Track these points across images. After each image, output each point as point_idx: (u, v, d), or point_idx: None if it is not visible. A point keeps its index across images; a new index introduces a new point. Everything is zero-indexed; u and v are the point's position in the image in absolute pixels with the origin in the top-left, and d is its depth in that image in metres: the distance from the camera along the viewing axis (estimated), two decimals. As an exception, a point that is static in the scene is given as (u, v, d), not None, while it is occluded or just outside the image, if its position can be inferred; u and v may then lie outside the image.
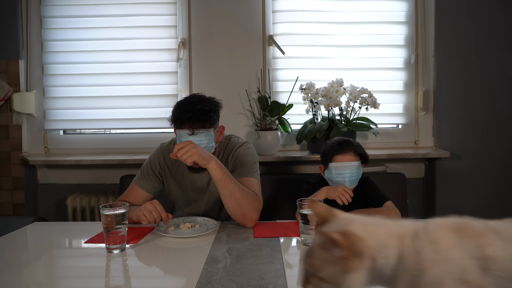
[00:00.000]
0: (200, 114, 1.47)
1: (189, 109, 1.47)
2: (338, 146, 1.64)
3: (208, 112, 1.49)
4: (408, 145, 2.55)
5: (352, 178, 1.59)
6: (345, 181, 1.59)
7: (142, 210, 1.40)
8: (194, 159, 1.40)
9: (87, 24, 2.51)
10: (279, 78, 2.51)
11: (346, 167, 1.59)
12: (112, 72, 2.52)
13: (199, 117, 1.47)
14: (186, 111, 1.47)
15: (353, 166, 1.59)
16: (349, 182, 1.59)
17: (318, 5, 2.48)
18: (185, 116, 1.47)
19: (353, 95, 2.30)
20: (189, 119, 1.47)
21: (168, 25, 2.50)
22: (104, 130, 2.63)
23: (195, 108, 1.47)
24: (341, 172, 1.59)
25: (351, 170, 1.59)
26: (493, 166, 2.43)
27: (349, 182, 1.59)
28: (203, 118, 1.47)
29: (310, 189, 1.70)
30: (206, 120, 1.48)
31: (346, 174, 1.58)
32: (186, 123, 1.47)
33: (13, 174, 2.49)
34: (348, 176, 1.58)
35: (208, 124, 1.49)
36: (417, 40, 2.49)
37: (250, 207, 1.46)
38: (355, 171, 1.60)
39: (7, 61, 2.45)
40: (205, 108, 1.48)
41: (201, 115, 1.47)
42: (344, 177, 1.59)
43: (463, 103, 2.45)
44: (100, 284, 1.02)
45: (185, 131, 1.47)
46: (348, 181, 1.59)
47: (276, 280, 0.99)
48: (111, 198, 2.43)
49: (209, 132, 1.49)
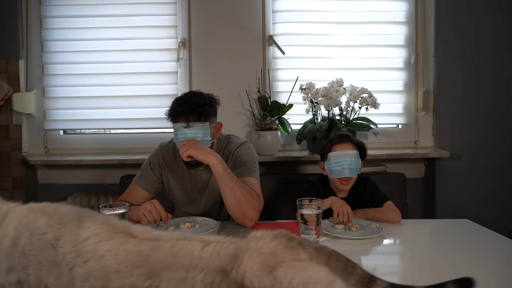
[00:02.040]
0: (195, 106, 1.49)
1: (185, 103, 1.50)
2: (336, 137, 1.68)
3: (203, 105, 1.50)
4: (408, 145, 2.55)
5: (352, 167, 1.59)
6: (344, 169, 1.58)
7: (142, 210, 1.40)
8: (189, 152, 1.43)
9: (87, 24, 2.50)
10: (279, 78, 2.51)
11: (345, 155, 1.59)
12: (112, 72, 2.52)
13: (194, 109, 1.49)
14: (182, 104, 1.50)
15: (351, 154, 1.60)
16: (348, 170, 1.58)
17: (318, 5, 2.47)
18: (180, 109, 1.49)
19: (353, 95, 2.30)
20: (184, 112, 1.49)
21: (168, 25, 2.50)
22: (104, 130, 2.62)
23: (191, 101, 1.50)
24: (340, 160, 1.59)
25: (350, 158, 1.59)
26: (493, 166, 2.43)
27: (349, 170, 1.58)
28: (197, 110, 1.49)
29: (311, 188, 1.70)
30: (201, 113, 1.50)
31: (345, 162, 1.58)
32: (181, 115, 1.50)
33: (13, 174, 2.49)
34: (347, 164, 1.58)
35: (203, 118, 1.50)
36: (417, 40, 2.49)
37: (250, 205, 1.46)
38: (354, 159, 1.59)
39: (7, 61, 2.45)
40: (200, 102, 1.51)
41: (196, 108, 1.49)
42: (343, 165, 1.59)
43: (463, 103, 2.45)
44: (100, 284, 1.01)
45: (181, 124, 1.49)
46: (348, 169, 1.58)
47: (276, 280, 0.99)
48: (111, 198, 2.43)
49: (204, 125, 1.50)
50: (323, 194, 1.68)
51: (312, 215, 1.23)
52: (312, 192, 1.67)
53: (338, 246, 1.27)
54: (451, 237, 1.39)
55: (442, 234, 1.44)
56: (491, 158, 2.43)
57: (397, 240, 1.38)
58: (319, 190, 1.70)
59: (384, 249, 1.28)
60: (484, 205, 2.43)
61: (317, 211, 1.24)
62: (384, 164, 2.43)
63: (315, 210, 1.24)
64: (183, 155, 1.44)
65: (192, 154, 1.43)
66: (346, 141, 1.65)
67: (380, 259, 1.20)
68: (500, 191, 2.43)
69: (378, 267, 1.13)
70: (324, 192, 1.69)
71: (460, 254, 1.19)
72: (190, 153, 1.43)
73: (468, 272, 1.06)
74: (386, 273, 1.08)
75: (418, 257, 1.23)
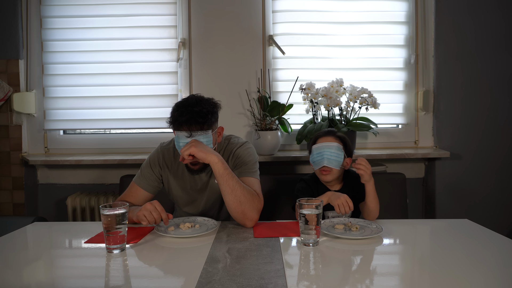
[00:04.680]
0: (198, 116, 1.47)
1: (187, 111, 1.47)
2: (322, 132, 1.74)
3: (206, 115, 1.49)
4: (408, 145, 2.55)
5: (331, 157, 1.61)
6: (323, 159, 1.61)
7: (142, 210, 1.40)
8: (190, 151, 1.43)
9: (87, 24, 2.51)
10: (279, 78, 2.51)
11: (325, 146, 1.63)
12: (112, 72, 2.52)
13: (196, 120, 1.47)
14: (184, 113, 1.47)
15: (332, 145, 1.62)
16: (327, 160, 1.61)
17: (318, 5, 2.48)
18: (182, 119, 1.47)
19: (353, 95, 2.30)
20: (186, 122, 1.47)
21: (168, 25, 2.50)
22: (104, 130, 2.63)
23: (193, 111, 1.47)
24: (320, 151, 1.63)
25: (330, 149, 1.62)
26: (493, 166, 2.43)
27: (327, 160, 1.61)
28: (200, 121, 1.47)
29: (304, 186, 1.71)
30: (203, 123, 1.48)
31: (325, 153, 1.61)
32: (184, 125, 1.48)
33: (13, 174, 2.49)
34: (327, 154, 1.61)
35: (206, 126, 1.49)
36: (417, 40, 2.49)
37: (250, 205, 1.46)
38: (334, 151, 1.61)
39: (7, 61, 2.45)
40: (202, 111, 1.48)
41: (199, 118, 1.47)
42: (323, 156, 1.62)
43: (463, 103, 2.45)
44: (100, 284, 1.02)
45: (183, 133, 1.48)
46: (326, 159, 1.61)
47: (276, 280, 0.99)
48: (111, 198, 2.43)
49: (207, 134, 1.49)
50: (316, 190, 1.69)
51: (312, 215, 1.23)
52: (305, 190, 1.69)
53: (338, 246, 1.27)
54: (451, 237, 1.39)
55: (442, 234, 1.44)
56: (491, 158, 2.43)
57: (397, 240, 1.38)
58: (312, 187, 1.72)
59: (384, 249, 1.28)
60: (484, 205, 2.43)
61: (317, 211, 1.24)
62: (384, 164, 2.43)
63: (315, 210, 1.24)
64: (185, 153, 1.43)
65: (194, 152, 1.43)
66: (330, 135, 1.70)
67: (380, 259, 1.20)
68: (500, 191, 2.43)
69: (378, 267, 1.13)
70: (317, 188, 1.70)
71: (460, 254, 1.19)
72: (192, 152, 1.43)
73: (468, 272, 1.06)
74: (386, 273, 1.08)
75: (418, 257, 1.23)
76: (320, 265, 1.13)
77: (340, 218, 1.55)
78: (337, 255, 1.21)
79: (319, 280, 1.02)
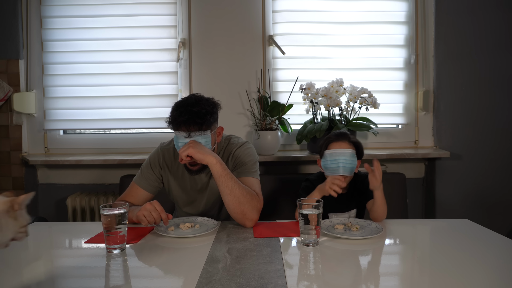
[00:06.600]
0: (196, 117, 1.47)
1: (186, 111, 1.47)
2: (334, 136, 1.70)
3: (204, 115, 1.48)
4: (408, 145, 2.55)
5: (346, 165, 1.59)
6: (339, 167, 1.59)
7: (142, 211, 1.40)
8: (188, 152, 1.42)
9: (87, 24, 2.51)
10: (279, 78, 2.51)
11: (340, 153, 1.60)
12: (112, 72, 2.52)
13: (195, 120, 1.47)
14: (182, 113, 1.47)
15: (347, 153, 1.60)
16: (342, 169, 1.59)
17: (318, 5, 2.48)
18: (181, 119, 1.47)
19: (353, 95, 2.30)
20: (185, 122, 1.47)
21: (168, 25, 2.50)
22: (104, 130, 2.63)
23: (192, 111, 1.47)
24: (335, 159, 1.60)
25: (345, 157, 1.60)
26: (493, 166, 2.43)
27: (343, 169, 1.59)
28: (199, 121, 1.47)
29: (309, 185, 1.71)
30: (202, 123, 1.48)
31: (340, 161, 1.59)
32: (182, 125, 1.48)
33: (13, 174, 2.49)
34: (342, 162, 1.59)
35: (204, 127, 1.49)
36: (417, 40, 2.49)
37: (249, 205, 1.46)
38: (349, 158, 1.60)
39: (7, 61, 2.45)
40: (201, 111, 1.48)
41: (198, 118, 1.47)
42: (338, 163, 1.60)
43: (463, 103, 2.45)
44: (100, 284, 1.02)
45: (182, 133, 1.48)
46: (342, 167, 1.59)
47: (276, 280, 0.99)
48: (111, 198, 2.43)
49: (205, 134, 1.49)
50: None
51: (312, 215, 1.23)
52: (310, 190, 1.68)
53: (338, 246, 1.27)
54: (451, 237, 1.39)
55: (442, 234, 1.44)
56: (491, 158, 2.43)
57: (397, 240, 1.38)
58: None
59: (384, 249, 1.28)
60: (484, 205, 2.43)
61: (317, 211, 1.24)
62: (384, 164, 2.43)
63: (315, 210, 1.24)
64: (182, 154, 1.44)
65: (191, 153, 1.43)
66: (343, 139, 1.67)
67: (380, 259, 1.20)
68: (500, 191, 2.43)
69: (378, 267, 1.13)
70: None
71: (460, 254, 1.19)
72: (189, 153, 1.43)
73: (468, 272, 1.06)
74: (386, 273, 1.08)
75: (418, 257, 1.23)
76: (320, 265, 1.13)
77: (341, 218, 1.55)
78: (337, 255, 1.21)
79: (319, 280, 1.02)
